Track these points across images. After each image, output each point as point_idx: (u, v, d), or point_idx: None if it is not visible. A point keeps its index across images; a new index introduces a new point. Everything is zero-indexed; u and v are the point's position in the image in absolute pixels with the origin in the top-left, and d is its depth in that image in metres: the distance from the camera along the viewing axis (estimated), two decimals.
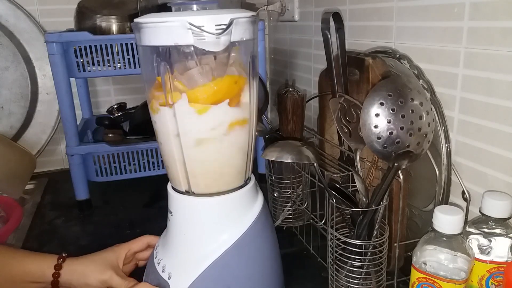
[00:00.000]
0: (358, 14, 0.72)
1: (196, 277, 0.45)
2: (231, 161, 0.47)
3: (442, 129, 0.54)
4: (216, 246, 0.46)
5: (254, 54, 0.46)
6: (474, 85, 0.51)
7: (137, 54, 0.78)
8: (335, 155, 0.66)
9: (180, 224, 0.48)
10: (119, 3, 0.88)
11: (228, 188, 0.48)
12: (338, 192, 0.50)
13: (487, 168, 0.51)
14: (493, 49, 0.48)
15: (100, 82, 1.09)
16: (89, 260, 0.53)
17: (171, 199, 0.49)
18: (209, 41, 0.40)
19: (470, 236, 0.45)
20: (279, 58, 1.07)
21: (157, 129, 0.47)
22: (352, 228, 0.51)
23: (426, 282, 0.44)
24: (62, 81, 0.76)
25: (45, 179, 0.98)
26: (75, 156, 0.81)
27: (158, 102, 0.45)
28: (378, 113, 0.46)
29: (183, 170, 0.46)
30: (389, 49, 0.63)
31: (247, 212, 0.48)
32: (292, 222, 0.72)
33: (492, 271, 0.44)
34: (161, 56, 0.42)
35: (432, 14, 0.56)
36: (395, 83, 0.47)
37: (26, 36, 0.97)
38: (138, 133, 0.94)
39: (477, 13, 0.49)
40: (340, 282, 0.52)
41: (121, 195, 0.90)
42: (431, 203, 0.56)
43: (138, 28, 0.43)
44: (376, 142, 0.46)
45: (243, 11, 0.43)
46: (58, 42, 0.74)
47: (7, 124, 0.99)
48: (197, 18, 0.39)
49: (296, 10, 0.93)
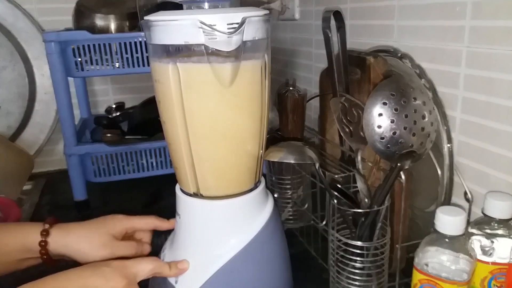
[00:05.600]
0: (359, 12, 0.71)
1: (203, 282, 0.45)
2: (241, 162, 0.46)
3: (444, 129, 0.54)
4: (224, 251, 0.45)
5: (266, 54, 0.44)
6: (476, 85, 0.51)
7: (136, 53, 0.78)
8: (336, 155, 0.65)
9: (188, 227, 0.48)
10: (118, 1, 0.87)
11: (238, 191, 0.47)
12: (340, 192, 0.50)
13: (490, 169, 0.50)
14: (495, 48, 0.47)
15: (98, 81, 1.08)
16: (85, 227, 0.48)
17: (179, 201, 0.48)
18: (220, 41, 0.39)
19: (472, 237, 0.45)
20: (279, 57, 1.06)
21: (167, 129, 0.46)
22: (353, 229, 0.51)
23: (428, 283, 0.43)
24: (60, 80, 0.76)
25: (43, 180, 0.98)
26: (73, 156, 0.80)
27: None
28: (381, 113, 0.45)
29: (191, 172, 0.45)
30: (391, 48, 0.63)
31: (256, 216, 0.47)
32: (292, 223, 0.72)
33: (494, 272, 0.44)
34: (171, 54, 0.41)
35: (433, 13, 0.55)
36: (398, 83, 0.47)
37: (24, 35, 0.96)
38: (137, 133, 0.93)
39: (479, 12, 0.49)
40: (341, 284, 0.51)
41: (120, 195, 0.89)
42: (433, 204, 0.56)
43: (148, 26, 0.42)
44: (379, 142, 0.46)
45: (256, 10, 0.42)
46: (56, 41, 0.73)
47: (5, 123, 0.98)
48: (209, 16, 0.38)
49: (297, 9, 0.92)
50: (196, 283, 0.45)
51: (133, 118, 0.98)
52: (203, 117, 0.43)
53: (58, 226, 0.48)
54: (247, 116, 0.44)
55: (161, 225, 0.53)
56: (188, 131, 0.43)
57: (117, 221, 0.51)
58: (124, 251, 0.49)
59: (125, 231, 0.51)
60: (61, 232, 0.48)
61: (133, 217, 0.52)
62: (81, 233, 0.48)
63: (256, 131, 0.46)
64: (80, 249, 0.47)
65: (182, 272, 0.46)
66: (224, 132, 0.44)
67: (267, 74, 0.45)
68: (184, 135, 0.44)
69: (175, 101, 0.42)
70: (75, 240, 0.48)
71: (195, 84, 0.42)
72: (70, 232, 0.48)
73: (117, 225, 0.50)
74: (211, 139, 0.44)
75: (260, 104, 0.45)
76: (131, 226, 0.52)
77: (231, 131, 0.44)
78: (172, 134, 0.45)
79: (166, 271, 0.45)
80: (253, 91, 0.44)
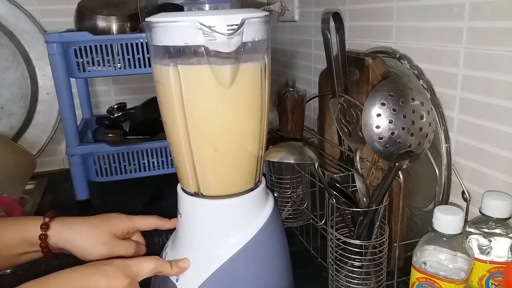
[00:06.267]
0: (358, 14, 0.72)
1: (204, 280, 0.45)
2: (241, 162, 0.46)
3: (442, 129, 0.54)
4: (224, 250, 0.46)
5: (266, 55, 0.45)
6: (474, 85, 0.51)
7: (138, 54, 0.78)
8: (335, 155, 0.66)
9: (189, 226, 0.48)
10: (119, 3, 0.88)
11: (238, 191, 0.47)
12: (339, 192, 0.50)
13: (487, 168, 0.51)
14: (493, 49, 0.48)
15: (100, 82, 1.09)
16: (86, 223, 0.48)
17: (180, 200, 0.49)
18: (220, 42, 0.39)
19: (470, 236, 0.45)
20: (279, 58, 1.07)
21: (168, 129, 0.46)
22: (352, 228, 0.51)
23: (426, 282, 0.44)
24: (62, 81, 0.76)
25: (45, 179, 0.98)
26: (75, 156, 0.81)
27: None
28: (380, 114, 0.46)
29: (192, 171, 0.46)
30: (389, 49, 0.63)
31: (257, 216, 0.48)
32: (292, 222, 0.72)
33: (492, 271, 0.44)
34: (172, 56, 0.41)
35: (432, 14, 0.56)
36: (396, 83, 0.47)
37: (26, 36, 0.97)
38: (138, 133, 0.94)
39: (477, 13, 0.49)
40: (340, 282, 0.52)
41: (121, 195, 0.90)
42: (431, 203, 0.56)
43: (149, 27, 0.42)
44: (377, 142, 0.46)
45: (255, 11, 0.42)
46: (58, 42, 0.74)
47: (7, 124, 0.99)
48: (208, 18, 0.39)
49: (296, 10, 0.93)
50: (197, 281, 0.45)
51: (134, 119, 0.98)
52: (203, 118, 0.43)
53: (60, 220, 0.48)
54: (248, 116, 0.45)
55: (163, 224, 0.53)
56: (188, 132, 0.44)
57: (119, 221, 0.51)
58: (124, 251, 0.49)
59: (126, 231, 0.51)
60: (63, 226, 0.48)
61: (134, 217, 0.52)
62: (82, 229, 0.48)
63: (256, 131, 0.46)
64: (80, 244, 0.47)
65: (183, 271, 0.46)
66: (224, 133, 0.44)
67: (267, 75, 0.45)
68: (184, 135, 0.44)
69: (175, 102, 0.43)
70: (76, 235, 0.47)
71: (195, 85, 0.42)
72: (72, 227, 0.48)
73: (119, 225, 0.50)
74: (212, 139, 0.44)
75: (260, 105, 0.45)
76: (133, 226, 0.52)
77: (232, 132, 0.45)
78: (173, 134, 0.45)
79: (167, 269, 0.45)
80: (253, 92, 0.44)
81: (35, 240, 0.46)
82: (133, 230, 0.52)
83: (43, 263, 0.58)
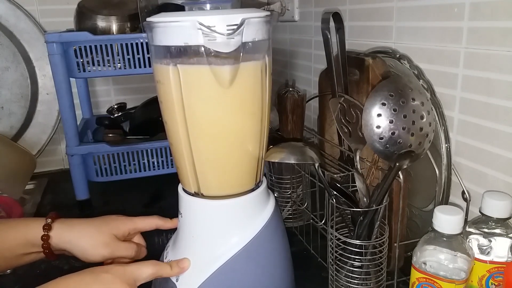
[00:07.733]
0: (358, 14, 0.72)
1: (204, 280, 0.45)
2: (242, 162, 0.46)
3: (442, 129, 0.54)
4: (225, 250, 0.46)
5: (267, 55, 0.44)
6: (474, 85, 0.51)
7: (138, 54, 0.78)
8: (335, 155, 0.66)
9: (189, 226, 0.48)
10: (119, 3, 0.88)
11: (238, 191, 0.47)
12: (339, 192, 0.50)
13: (487, 168, 0.51)
14: (493, 49, 0.48)
15: (100, 82, 1.09)
16: (88, 224, 0.48)
17: (181, 200, 0.49)
18: (219, 42, 0.39)
19: (470, 236, 0.45)
20: (279, 58, 1.07)
21: (168, 129, 0.46)
22: (352, 228, 0.51)
23: (426, 282, 0.44)
24: (62, 81, 0.76)
25: (45, 179, 0.98)
26: (75, 156, 0.81)
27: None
28: (380, 114, 0.46)
29: (192, 171, 0.46)
30: (389, 49, 0.63)
31: (257, 216, 0.48)
32: (292, 222, 0.72)
33: (492, 271, 0.44)
34: (172, 56, 0.41)
35: (432, 14, 0.56)
36: (396, 83, 0.47)
37: (26, 36, 0.97)
38: (138, 133, 0.94)
39: (477, 13, 0.49)
40: (340, 282, 0.52)
41: (121, 195, 0.90)
42: (431, 203, 0.56)
43: (150, 27, 0.42)
44: (378, 142, 0.46)
45: (255, 11, 0.42)
46: (58, 42, 0.74)
47: (7, 124, 0.99)
48: (208, 18, 0.39)
49: (296, 10, 0.93)
50: (197, 281, 0.45)
51: (134, 118, 0.98)
52: (203, 118, 0.43)
53: (61, 221, 0.48)
54: (248, 117, 0.45)
55: (164, 224, 0.53)
56: (189, 132, 0.44)
57: (120, 223, 0.51)
58: (125, 252, 0.49)
59: (127, 233, 0.51)
60: (65, 227, 0.48)
61: (135, 218, 0.52)
62: (84, 230, 0.48)
63: (256, 131, 0.46)
64: (82, 245, 0.47)
65: (183, 271, 0.46)
66: (224, 133, 0.44)
67: (268, 75, 0.45)
68: (185, 135, 0.44)
69: (176, 102, 0.43)
70: (78, 236, 0.48)
71: (195, 85, 0.42)
72: (74, 228, 0.48)
73: (120, 227, 0.50)
74: (212, 139, 0.44)
75: (260, 105, 0.45)
76: (134, 227, 0.52)
77: (232, 132, 0.45)
78: (173, 134, 0.45)
79: (167, 272, 0.45)
80: (253, 92, 0.44)
81: (37, 241, 0.47)
82: (134, 232, 0.52)
83: (43, 263, 0.58)
